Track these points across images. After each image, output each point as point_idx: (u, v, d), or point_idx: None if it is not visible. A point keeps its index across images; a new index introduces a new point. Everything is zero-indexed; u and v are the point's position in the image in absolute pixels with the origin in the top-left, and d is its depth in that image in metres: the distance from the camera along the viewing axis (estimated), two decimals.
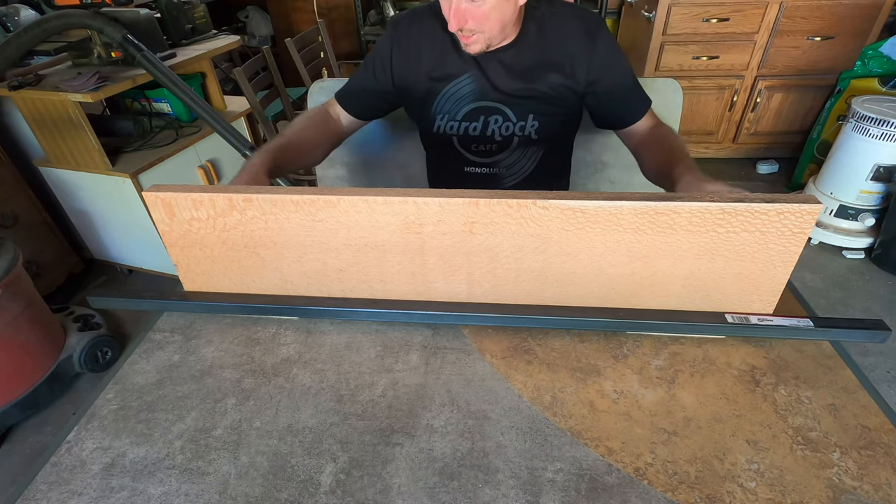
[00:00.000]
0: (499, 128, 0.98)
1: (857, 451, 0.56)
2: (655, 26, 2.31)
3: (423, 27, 0.95)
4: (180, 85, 1.48)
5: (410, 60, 0.96)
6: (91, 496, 0.55)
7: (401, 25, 0.96)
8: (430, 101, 0.97)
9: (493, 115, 0.96)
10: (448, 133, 1.00)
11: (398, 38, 0.96)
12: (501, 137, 0.99)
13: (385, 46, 0.97)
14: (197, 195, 0.65)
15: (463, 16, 0.82)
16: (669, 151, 0.84)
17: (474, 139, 1.00)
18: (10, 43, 1.33)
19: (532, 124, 0.97)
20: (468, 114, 0.97)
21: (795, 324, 0.65)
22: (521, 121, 0.96)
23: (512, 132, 0.98)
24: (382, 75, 0.98)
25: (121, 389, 0.68)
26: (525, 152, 1.02)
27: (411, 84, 0.97)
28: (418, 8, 0.98)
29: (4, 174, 1.72)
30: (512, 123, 0.97)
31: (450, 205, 0.61)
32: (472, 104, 0.96)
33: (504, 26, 0.85)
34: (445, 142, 1.02)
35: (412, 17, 0.97)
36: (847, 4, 2.18)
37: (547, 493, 0.53)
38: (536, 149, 1.02)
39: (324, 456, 0.58)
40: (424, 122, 1.02)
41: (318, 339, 0.74)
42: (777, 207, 0.56)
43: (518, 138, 0.99)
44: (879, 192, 1.97)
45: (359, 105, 1.01)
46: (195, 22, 1.95)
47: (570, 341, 0.71)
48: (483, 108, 0.96)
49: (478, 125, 0.98)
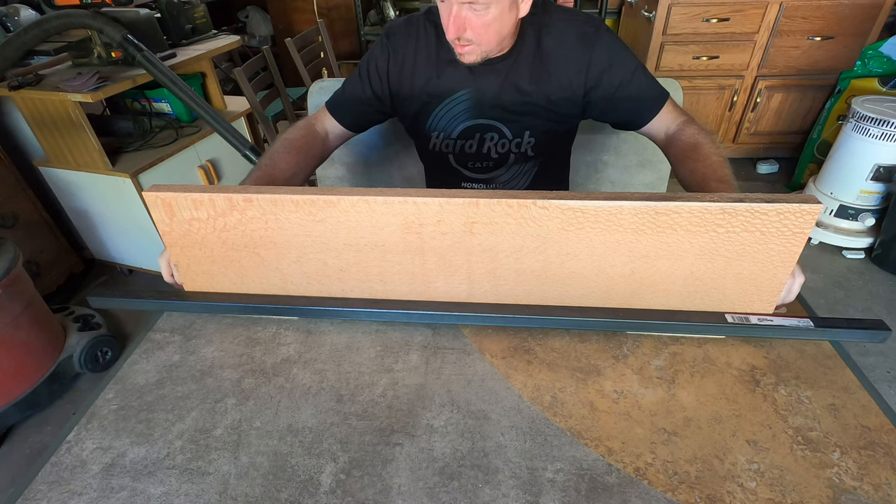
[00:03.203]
0: (495, 145, 0.96)
1: (857, 451, 0.56)
2: (655, 26, 2.31)
3: (419, 39, 0.92)
4: (180, 85, 1.48)
5: (406, 73, 0.93)
6: (91, 496, 0.55)
7: (396, 36, 0.93)
8: (425, 117, 0.95)
9: (488, 133, 0.95)
10: (444, 151, 0.99)
11: (394, 50, 0.93)
12: (498, 154, 0.97)
13: (380, 57, 0.94)
14: (197, 195, 0.65)
15: (463, 24, 0.79)
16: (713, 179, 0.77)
17: (470, 156, 0.99)
18: (10, 43, 1.33)
19: (528, 141, 0.95)
20: (463, 132, 0.95)
21: (795, 324, 0.65)
22: (517, 137, 0.95)
23: (508, 149, 0.96)
24: (378, 85, 0.95)
25: (121, 389, 0.68)
26: (521, 168, 1.01)
27: (406, 97, 0.95)
28: (413, 17, 0.94)
29: (4, 174, 1.72)
30: (508, 140, 0.95)
31: (450, 205, 0.61)
32: (467, 122, 0.94)
33: (502, 38, 0.83)
34: (442, 157, 1.01)
35: (408, 28, 0.93)
36: (847, 4, 2.18)
37: (547, 493, 0.53)
38: (532, 164, 1.01)
39: (324, 456, 0.58)
40: (419, 137, 1.01)
41: (318, 339, 0.74)
42: (777, 207, 0.56)
43: (514, 155, 0.97)
44: (879, 192, 1.97)
45: (352, 116, 0.98)
46: (195, 22, 1.95)
47: (570, 341, 0.71)
48: (479, 126, 0.94)
49: (473, 143, 0.96)
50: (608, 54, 0.87)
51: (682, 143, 0.85)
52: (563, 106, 0.91)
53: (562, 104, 0.91)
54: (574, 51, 0.87)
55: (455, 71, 0.91)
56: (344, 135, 1.01)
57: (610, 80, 0.88)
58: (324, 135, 0.99)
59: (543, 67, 0.89)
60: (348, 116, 0.98)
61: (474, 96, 0.92)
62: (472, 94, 0.92)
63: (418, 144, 1.05)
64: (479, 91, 0.91)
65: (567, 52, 0.87)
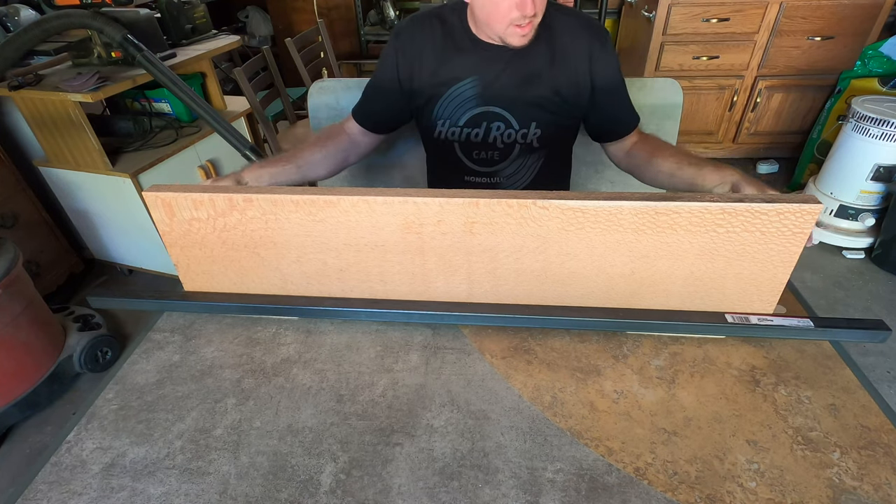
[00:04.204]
0: (501, 134, 0.97)
1: (857, 451, 0.56)
2: (655, 26, 2.31)
3: (424, 33, 0.94)
4: (180, 85, 1.48)
5: (415, 67, 0.95)
6: (91, 496, 0.55)
7: (403, 35, 0.95)
8: (432, 105, 0.97)
9: (495, 122, 0.96)
10: (450, 139, 0.99)
11: (403, 46, 0.95)
12: (503, 145, 0.98)
13: (391, 56, 0.96)
14: (197, 195, 0.65)
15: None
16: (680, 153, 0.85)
17: (476, 146, 0.99)
18: (10, 43, 1.33)
19: (535, 132, 0.96)
20: (470, 119, 0.96)
21: (795, 324, 0.65)
22: (523, 128, 0.96)
23: (514, 139, 0.97)
24: (393, 83, 0.97)
25: (121, 389, 0.68)
26: (526, 161, 1.01)
27: (416, 90, 0.97)
28: (419, 14, 0.97)
29: (4, 174, 1.72)
30: (514, 130, 0.96)
31: (450, 205, 0.61)
32: (474, 109, 0.95)
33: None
34: (447, 148, 1.01)
35: (413, 25, 0.95)
36: (847, 4, 2.18)
37: (547, 493, 0.53)
38: (537, 157, 1.01)
39: (324, 456, 0.58)
40: (426, 127, 1.01)
41: (318, 339, 0.74)
42: (777, 207, 0.56)
43: (520, 146, 0.98)
44: (879, 192, 1.97)
45: (374, 119, 1.01)
46: (195, 22, 1.95)
47: (570, 341, 0.71)
48: (485, 114, 0.95)
49: (479, 131, 0.97)
50: (611, 62, 0.92)
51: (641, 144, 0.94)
52: (569, 99, 0.93)
53: (568, 97, 0.93)
54: (584, 48, 0.90)
55: (461, 59, 0.92)
56: (368, 140, 1.03)
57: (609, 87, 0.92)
58: (351, 134, 1.01)
59: (550, 55, 0.91)
60: (371, 119, 1.01)
61: (480, 83, 0.93)
62: (478, 81, 0.93)
63: (424, 135, 1.06)
64: (484, 78, 0.92)
65: (577, 48, 0.90)
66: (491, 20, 0.83)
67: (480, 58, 0.91)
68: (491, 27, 0.84)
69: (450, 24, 0.93)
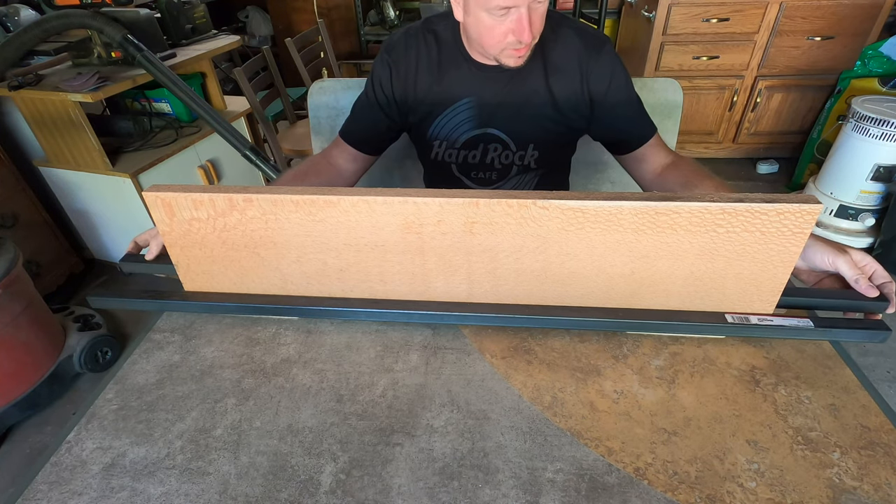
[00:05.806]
0: (498, 156, 0.95)
1: (857, 451, 0.56)
2: (655, 26, 2.31)
3: (419, 49, 0.91)
4: (180, 85, 1.48)
5: (409, 84, 0.92)
6: (91, 496, 0.55)
7: (396, 49, 0.92)
8: (428, 124, 0.94)
9: (492, 143, 0.94)
10: (447, 160, 0.98)
11: (395, 62, 0.91)
12: (501, 166, 0.97)
13: (382, 72, 0.93)
14: (197, 195, 0.64)
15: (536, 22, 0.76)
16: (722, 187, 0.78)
17: (473, 166, 0.98)
18: (10, 43, 1.33)
19: (532, 154, 0.95)
20: (467, 142, 0.94)
21: (795, 324, 0.65)
22: (520, 150, 0.94)
23: (511, 161, 0.96)
24: (385, 101, 0.94)
25: (121, 389, 0.68)
26: (523, 179, 1.00)
27: (410, 107, 0.94)
28: (411, 28, 0.93)
29: (4, 174, 1.72)
30: (511, 152, 0.95)
31: (450, 205, 0.61)
32: (471, 132, 0.93)
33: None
34: (444, 167, 1.00)
35: (407, 40, 0.91)
36: (847, 4, 2.18)
37: (547, 493, 0.53)
38: (534, 175, 1.01)
39: (324, 456, 0.58)
40: (422, 146, 1.00)
41: (318, 339, 0.74)
42: (777, 207, 0.56)
43: (517, 167, 0.97)
44: (879, 192, 1.97)
45: (365, 138, 0.97)
46: (195, 22, 1.95)
47: (570, 341, 0.71)
48: (483, 136, 0.93)
49: (477, 153, 0.95)
50: (612, 68, 0.87)
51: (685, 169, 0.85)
52: (568, 115, 0.90)
53: (567, 113, 0.90)
54: (580, 58, 0.87)
55: (457, 78, 0.90)
56: (363, 160, 0.99)
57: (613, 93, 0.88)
58: (335, 164, 0.97)
59: (544, 68, 0.88)
60: (362, 140, 0.97)
61: (476, 104, 0.91)
62: (474, 101, 0.91)
63: (421, 154, 1.05)
64: (481, 99, 0.90)
65: (573, 60, 0.87)
66: (485, 42, 0.80)
67: (476, 77, 0.88)
68: (485, 49, 0.82)
69: (443, 40, 0.90)
